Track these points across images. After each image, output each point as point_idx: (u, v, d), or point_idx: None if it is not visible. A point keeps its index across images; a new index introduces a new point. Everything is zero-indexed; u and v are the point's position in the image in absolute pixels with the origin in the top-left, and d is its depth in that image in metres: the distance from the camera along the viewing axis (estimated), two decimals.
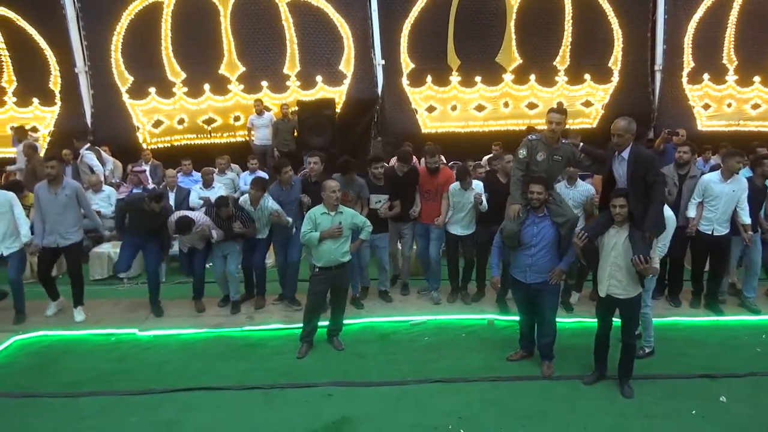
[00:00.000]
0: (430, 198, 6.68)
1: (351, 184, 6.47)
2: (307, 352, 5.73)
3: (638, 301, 4.95)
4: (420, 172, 6.77)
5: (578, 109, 11.56)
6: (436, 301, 6.80)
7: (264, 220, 6.52)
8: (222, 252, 6.62)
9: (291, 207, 6.53)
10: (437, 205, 6.64)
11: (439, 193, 6.63)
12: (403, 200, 6.65)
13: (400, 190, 6.65)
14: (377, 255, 6.80)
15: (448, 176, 6.75)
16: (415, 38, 11.07)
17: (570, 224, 5.00)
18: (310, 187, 6.52)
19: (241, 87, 10.98)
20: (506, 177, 6.30)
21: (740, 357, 5.64)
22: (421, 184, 6.71)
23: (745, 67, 11.78)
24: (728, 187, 6.08)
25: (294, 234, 6.49)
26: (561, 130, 5.16)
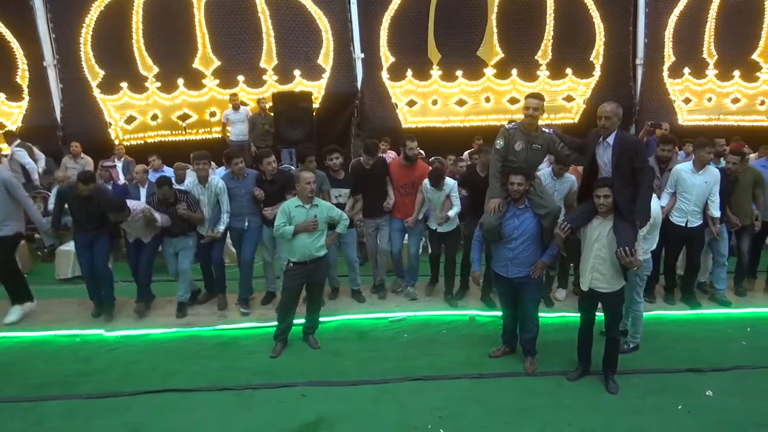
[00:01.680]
0: (406, 192, 6.46)
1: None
2: (282, 351, 5.52)
3: (622, 295, 4.81)
4: (393, 165, 6.55)
5: (560, 104, 11.48)
6: (411, 297, 6.61)
7: (211, 201, 6.26)
8: (173, 248, 6.32)
9: (242, 200, 6.27)
10: (413, 200, 6.44)
11: (416, 187, 6.42)
12: (372, 194, 6.40)
13: (367, 183, 6.41)
14: (344, 252, 6.57)
15: (424, 170, 6.54)
16: (395, 31, 10.89)
17: (552, 216, 4.83)
18: (266, 186, 6.25)
19: (216, 81, 10.69)
20: (485, 170, 6.13)
21: (725, 350, 5.55)
22: (396, 179, 6.47)
23: (725, 62, 11.78)
24: (700, 178, 5.99)
25: (248, 231, 6.30)
26: (539, 116, 4.95)
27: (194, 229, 6.34)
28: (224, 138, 10.51)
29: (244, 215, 6.30)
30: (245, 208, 6.28)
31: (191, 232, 6.34)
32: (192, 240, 6.36)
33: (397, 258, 6.72)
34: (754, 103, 12.04)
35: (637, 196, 4.51)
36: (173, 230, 6.22)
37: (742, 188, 6.34)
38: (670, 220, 6.08)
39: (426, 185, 6.27)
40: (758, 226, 6.48)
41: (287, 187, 6.14)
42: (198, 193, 6.28)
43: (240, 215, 6.30)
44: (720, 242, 6.33)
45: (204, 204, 6.28)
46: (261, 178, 6.34)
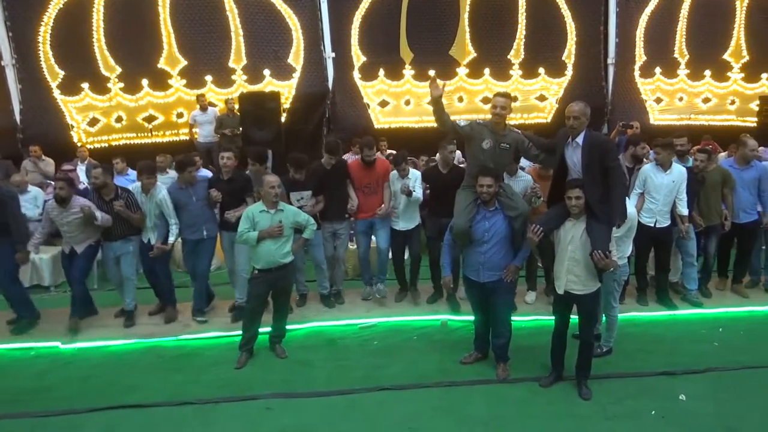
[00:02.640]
0: (370, 192, 6.29)
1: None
2: (247, 362, 5.31)
3: (597, 297, 4.72)
4: (353, 166, 6.38)
5: (533, 103, 11.44)
6: (381, 294, 6.45)
7: (154, 213, 5.95)
8: (113, 253, 6.00)
9: (194, 208, 5.93)
10: (378, 198, 6.27)
11: (380, 185, 6.27)
12: (332, 196, 6.16)
13: (327, 185, 6.17)
14: (311, 253, 6.37)
15: (386, 167, 6.39)
16: (366, 30, 10.72)
17: (523, 217, 4.72)
18: (223, 185, 5.96)
19: (183, 82, 10.39)
20: (446, 167, 6.03)
21: (698, 351, 5.51)
22: (357, 179, 6.28)
23: (696, 61, 11.86)
24: (667, 178, 5.94)
25: (205, 241, 6.02)
26: (507, 114, 4.84)
27: (137, 233, 6.03)
28: (192, 140, 10.22)
29: (200, 225, 5.98)
30: (200, 216, 5.96)
31: (133, 236, 6.02)
32: (133, 245, 6.03)
33: (363, 262, 6.54)
34: (724, 103, 12.14)
35: (608, 197, 4.42)
36: (113, 233, 5.90)
37: (711, 188, 6.31)
38: (639, 220, 6.00)
39: (393, 176, 6.16)
40: (728, 226, 6.43)
41: (246, 189, 5.92)
42: (141, 201, 5.97)
43: (195, 225, 5.97)
44: (688, 242, 6.29)
45: (147, 214, 5.98)
46: (216, 177, 6.08)
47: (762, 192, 6.38)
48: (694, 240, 6.33)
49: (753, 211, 6.46)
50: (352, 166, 6.38)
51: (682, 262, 6.52)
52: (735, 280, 6.80)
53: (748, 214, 6.45)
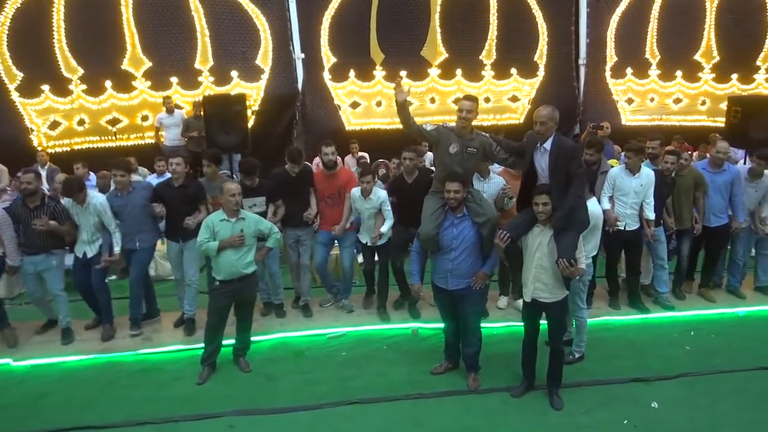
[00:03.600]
0: (333, 203, 6.10)
1: (216, 183, 5.79)
2: (209, 377, 5.11)
3: (565, 305, 4.63)
4: (317, 176, 6.20)
5: (505, 104, 11.37)
6: (348, 310, 6.29)
7: (91, 224, 5.64)
8: (34, 267, 5.59)
9: (127, 218, 5.66)
10: (341, 210, 6.10)
11: (343, 195, 6.09)
12: (294, 203, 6.01)
13: (289, 192, 6.01)
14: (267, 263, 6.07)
15: (349, 177, 6.23)
16: (336, 31, 10.52)
17: (491, 224, 4.59)
18: (173, 191, 5.72)
19: (147, 83, 10.07)
20: (411, 176, 5.91)
21: (671, 356, 5.47)
22: (320, 190, 6.11)
23: (667, 62, 11.89)
24: (635, 181, 5.89)
25: (138, 252, 5.75)
26: (473, 118, 4.71)
27: (60, 246, 5.69)
28: (158, 143, 9.93)
29: (133, 234, 5.69)
30: (134, 226, 5.68)
31: (57, 250, 5.66)
32: (56, 259, 5.65)
33: (321, 271, 6.36)
34: (695, 103, 12.21)
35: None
36: (34, 245, 5.51)
37: (684, 191, 6.27)
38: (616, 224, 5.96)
39: (354, 195, 5.97)
40: (698, 230, 6.39)
41: (199, 196, 5.70)
42: (73, 214, 5.65)
43: (128, 235, 5.69)
44: (658, 245, 6.24)
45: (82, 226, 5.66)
46: (167, 184, 5.83)
47: (733, 196, 6.34)
48: (664, 243, 6.29)
49: (723, 215, 6.43)
50: (315, 177, 6.20)
51: (653, 265, 6.48)
52: (702, 284, 6.78)
53: (719, 218, 6.41)
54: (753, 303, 6.55)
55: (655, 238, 6.15)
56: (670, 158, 6.09)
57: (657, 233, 6.15)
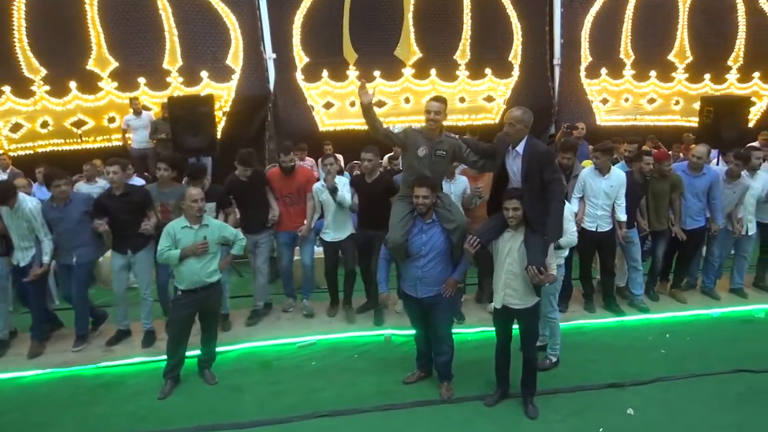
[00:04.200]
0: (291, 202, 5.99)
1: (168, 189, 5.58)
2: (172, 390, 4.91)
3: (537, 311, 4.51)
4: (273, 175, 6.07)
5: (480, 104, 11.26)
6: (308, 312, 6.14)
7: (22, 230, 5.30)
8: None
9: (62, 231, 5.33)
10: (301, 209, 6.00)
11: (302, 194, 5.98)
12: (250, 208, 5.86)
13: (244, 196, 5.86)
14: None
15: (308, 176, 6.13)
16: (308, 30, 10.30)
17: (461, 230, 4.45)
18: (114, 202, 5.43)
19: (114, 84, 9.76)
20: (371, 176, 5.81)
21: (646, 360, 5.41)
22: (278, 189, 5.98)
23: (641, 62, 11.90)
24: (605, 182, 5.82)
25: (76, 267, 5.44)
26: (442, 120, 4.57)
27: None
28: (125, 146, 9.64)
29: (71, 249, 5.37)
30: (70, 240, 5.35)
31: None
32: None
33: (285, 274, 6.21)
34: (669, 103, 12.26)
35: (547, 210, 4.20)
36: None
37: (660, 192, 6.22)
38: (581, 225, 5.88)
39: (317, 188, 5.88)
40: (676, 232, 6.35)
41: (145, 203, 5.46)
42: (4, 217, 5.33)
43: (65, 249, 5.39)
44: (632, 247, 6.19)
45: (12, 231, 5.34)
46: (108, 194, 5.53)
47: (712, 199, 6.30)
48: (638, 244, 6.24)
49: (700, 218, 6.40)
50: (272, 176, 6.08)
51: (627, 267, 6.42)
52: (674, 284, 6.76)
53: (695, 220, 6.38)
54: (727, 304, 6.54)
55: (628, 240, 6.09)
56: (647, 158, 6.04)
57: (630, 235, 6.09)
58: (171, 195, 5.52)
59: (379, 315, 6.03)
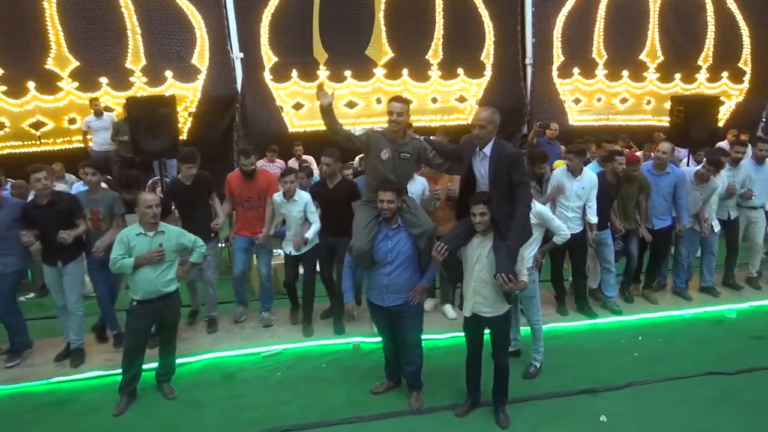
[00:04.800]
0: (251, 207, 5.76)
1: (97, 195, 5.30)
2: (128, 407, 4.64)
3: (508, 319, 4.37)
4: (232, 178, 5.84)
5: (452, 104, 11.19)
6: (265, 323, 5.89)
7: None
8: None
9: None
10: (260, 214, 5.77)
11: (263, 199, 5.76)
12: (192, 214, 5.52)
13: (188, 202, 5.55)
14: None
15: (270, 180, 5.90)
16: (277, 29, 10.11)
17: (428, 235, 4.30)
18: (41, 210, 5.08)
19: (75, 84, 9.43)
20: (333, 180, 5.64)
21: (619, 363, 5.33)
22: (238, 192, 5.75)
23: (614, 62, 11.96)
24: (577, 184, 5.74)
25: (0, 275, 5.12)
26: (405, 121, 4.38)
27: None
28: (86, 148, 9.31)
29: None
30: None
31: None
32: None
33: (237, 281, 5.97)
34: (641, 103, 12.33)
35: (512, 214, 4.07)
36: None
37: (629, 194, 6.16)
38: None
39: (276, 200, 5.67)
40: (641, 233, 6.30)
41: (73, 211, 5.13)
42: None
43: None
44: (605, 248, 6.11)
45: None
46: (32, 203, 5.20)
47: (677, 198, 6.26)
48: (611, 246, 6.16)
49: (666, 218, 6.36)
50: (232, 179, 5.83)
51: (600, 268, 6.35)
52: (645, 285, 6.72)
53: (662, 220, 6.34)
54: (699, 304, 6.51)
55: (602, 242, 6.02)
56: (620, 158, 5.96)
57: (603, 236, 6.02)
58: (101, 202, 5.26)
59: (339, 323, 5.84)
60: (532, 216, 4.85)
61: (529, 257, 4.92)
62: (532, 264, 5.01)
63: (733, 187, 6.46)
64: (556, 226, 5.06)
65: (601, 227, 5.95)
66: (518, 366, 5.13)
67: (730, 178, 6.52)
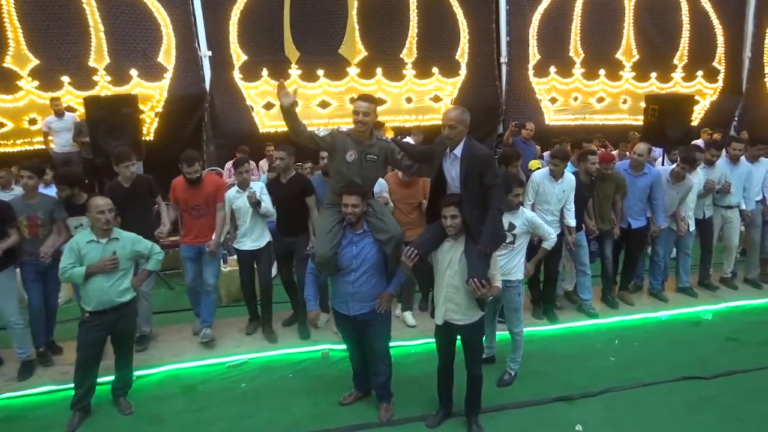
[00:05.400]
0: (200, 214, 5.45)
1: (34, 200, 5.01)
2: (81, 423, 4.39)
3: (481, 327, 4.21)
4: (177, 186, 5.50)
5: (427, 104, 11.02)
6: (207, 339, 5.46)
7: None
8: None
9: None
10: (210, 221, 5.47)
11: (211, 205, 5.47)
12: (133, 220, 5.09)
13: (127, 206, 5.12)
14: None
15: (218, 184, 5.61)
16: (246, 26, 9.81)
17: (395, 241, 4.11)
18: None
19: (35, 83, 9.01)
20: (285, 177, 5.45)
21: (595, 368, 5.23)
22: (183, 200, 5.45)
23: (591, 61, 11.88)
24: (558, 187, 5.62)
25: None
26: (371, 121, 4.16)
27: None
28: (47, 149, 8.94)
29: None
30: None
31: None
32: None
33: (191, 291, 5.69)
34: (617, 102, 12.29)
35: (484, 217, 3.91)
36: None
37: (605, 194, 6.05)
38: None
39: (229, 196, 5.46)
40: (617, 233, 6.20)
41: (5, 219, 4.82)
42: None
43: None
44: (580, 250, 5.99)
45: None
46: None
47: (653, 199, 6.18)
48: (586, 248, 6.05)
49: (642, 217, 6.28)
50: (177, 186, 5.48)
51: (576, 271, 6.23)
52: (621, 286, 6.62)
53: (637, 220, 6.26)
54: (675, 306, 6.44)
55: (577, 243, 5.89)
56: (593, 158, 5.85)
57: (578, 238, 5.90)
58: (39, 207, 4.97)
59: (304, 328, 5.63)
60: (522, 223, 4.73)
61: (518, 268, 4.80)
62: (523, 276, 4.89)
63: (711, 183, 6.39)
64: (545, 231, 4.92)
65: (576, 229, 5.83)
66: (493, 372, 5.00)
67: (705, 176, 6.46)
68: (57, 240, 4.87)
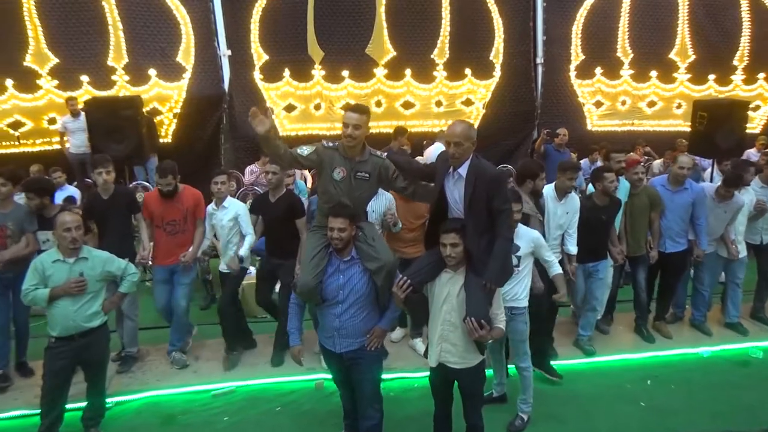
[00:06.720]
0: (175, 231, 5.04)
1: (6, 210, 4.73)
2: None
3: (481, 372, 3.67)
4: (149, 199, 5.12)
5: (458, 108, 10.42)
6: (179, 365, 5.15)
7: None
8: None
9: None
10: (186, 238, 5.08)
11: (191, 221, 5.07)
12: (111, 236, 4.81)
13: (106, 219, 4.90)
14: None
15: (196, 198, 5.16)
16: (268, 25, 9.48)
17: (387, 270, 3.59)
18: None
19: (54, 83, 8.95)
20: (275, 195, 5.01)
21: (621, 415, 4.60)
22: (156, 215, 5.03)
23: (641, 61, 11.01)
24: (561, 207, 4.97)
25: None
26: (362, 135, 3.62)
27: None
28: (63, 150, 8.82)
29: None
30: None
31: None
32: None
33: (163, 314, 5.27)
34: (670, 107, 11.38)
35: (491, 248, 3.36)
36: None
37: (638, 211, 5.39)
38: None
39: (208, 209, 5.11)
40: (653, 257, 5.50)
41: None
42: None
43: None
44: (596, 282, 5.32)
45: None
46: None
47: (695, 219, 5.46)
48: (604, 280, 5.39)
49: (682, 240, 5.54)
50: (150, 199, 5.10)
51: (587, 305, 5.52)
52: (657, 316, 5.91)
53: (676, 243, 5.53)
54: (719, 342, 5.70)
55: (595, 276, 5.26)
56: (609, 176, 5.07)
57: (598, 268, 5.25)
58: (10, 216, 4.68)
59: (278, 356, 5.17)
60: (527, 243, 4.19)
61: (525, 293, 4.26)
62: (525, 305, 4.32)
63: (762, 203, 5.63)
64: (550, 260, 4.35)
65: (600, 256, 5.17)
66: (504, 415, 4.45)
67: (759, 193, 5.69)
68: (20, 250, 4.58)
